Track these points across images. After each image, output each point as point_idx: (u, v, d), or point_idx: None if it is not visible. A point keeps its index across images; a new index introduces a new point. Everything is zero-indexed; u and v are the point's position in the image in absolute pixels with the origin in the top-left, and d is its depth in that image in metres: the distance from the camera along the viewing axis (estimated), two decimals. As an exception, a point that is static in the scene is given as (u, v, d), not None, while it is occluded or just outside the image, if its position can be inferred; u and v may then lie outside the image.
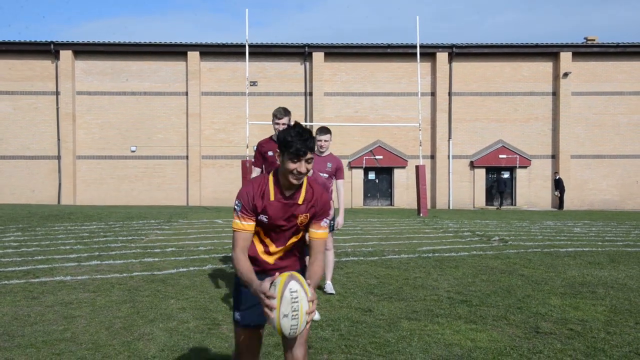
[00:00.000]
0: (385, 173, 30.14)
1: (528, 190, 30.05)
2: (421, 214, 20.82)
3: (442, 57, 29.65)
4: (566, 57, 29.47)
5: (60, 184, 28.77)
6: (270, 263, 3.09)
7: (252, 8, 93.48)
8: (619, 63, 29.83)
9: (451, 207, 29.40)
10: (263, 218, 2.97)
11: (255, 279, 2.83)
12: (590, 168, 30.03)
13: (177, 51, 29.17)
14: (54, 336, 4.67)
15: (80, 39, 31.85)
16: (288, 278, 2.73)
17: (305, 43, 29.20)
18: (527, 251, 9.94)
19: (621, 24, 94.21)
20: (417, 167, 22.15)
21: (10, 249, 9.56)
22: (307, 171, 2.92)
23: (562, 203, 28.79)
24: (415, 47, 24.32)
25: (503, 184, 29.87)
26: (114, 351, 4.33)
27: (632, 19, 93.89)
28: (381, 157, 29.58)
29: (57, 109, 28.83)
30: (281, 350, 4.11)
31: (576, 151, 29.84)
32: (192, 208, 24.88)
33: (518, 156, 29.64)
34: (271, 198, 2.97)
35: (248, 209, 2.95)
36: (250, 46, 25.12)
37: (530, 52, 29.78)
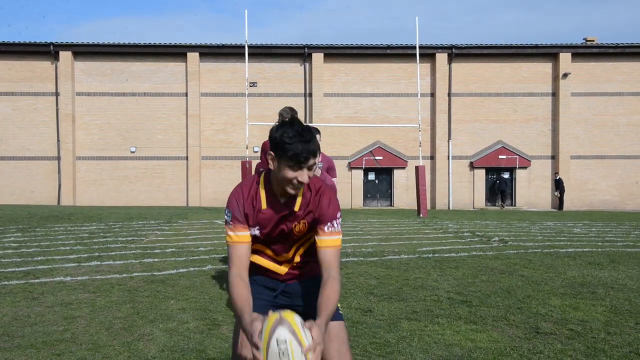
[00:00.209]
0: (385, 174, 30.14)
1: (528, 190, 30.06)
2: (421, 215, 20.82)
3: (442, 58, 29.66)
4: (565, 58, 29.48)
5: (60, 185, 28.76)
6: (281, 274, 2.63)
7: (252, 8, 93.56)
8: (619, 64, 29.84)
9: (451, 208, 29.41)
10: (255, 232, 2.52)
11: (246, 314, 2.25)
12: (590, 169, 30.03)
13: (177, 52, 29.17)
14: (54, 337, 4.67)
15: (80, 39, 31.98)
16: (275, 323, 2.09)
17: (304, 44, 29.20)
18: (527, 252, 9.94)
19: (621, 25, 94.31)
20: (417, 168, 22.16)
21: (10, 250, 9.56)
22: (309, 179, 2.44)
23: (562, 203, 28.79)
24: (414, 48, 24.35)
25: (504, 184, 29.91)
26: (114, 352, 4.32)
27: (632, 20, 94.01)
28: (381, 158, 29.59)
29: (57, 110, 28.82)
30: None
31: (576, 152, 29.84)
32: (192, 209, 24.87)
33: (518, 157, 29.65)
34: (263, 206, 2.51)
35: (240, 218, 2.49)
36: (249, 47, 25.13)
37: (529, 53, 29.80)
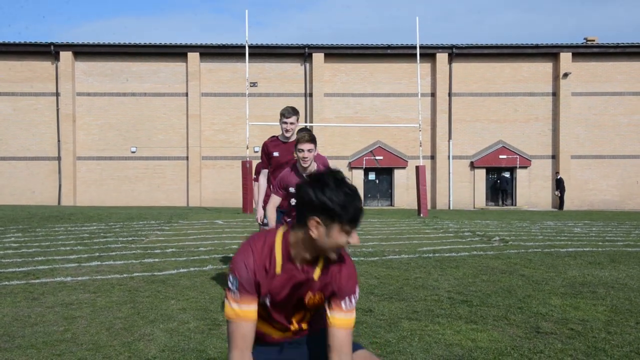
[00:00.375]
0: (385, 173, 30.14)
1: (528, 190, 30.05)
2: (421, 215, 20.81)
3: (442, 58, 29.66)
4: (566, 58, 29.47)
5: (60, 185, 28.77)
6: (276, 338, 2.27)
7: (252, 8, 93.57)
8: (619, 63, 29.83)
9: (451, 208, 29.41)
10: (266, 301, 2.13)
11: None
12: (590, 168, 30.02)
13: (177, 52, 29.17)
14: (55, 337, 4.67)
15: (80, 40, 31.99)
16: None
17: (305, 44, 29.19)
18: (528, 251, 9.93)
19: (621, 25, 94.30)
20: (417, 168, 22.16)
21: (10, 250, 9.56)
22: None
23: (563, 203, 28.79)
24: (415, 48, 24.34)
25: (505, 182, 29.95)
26: (115, 352, 4.32)
27: (632, 20, 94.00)
28: (381, 158, 29.58)
29: (57, 110, 28.83)
30: None
31: (576, 151, 29.83)
32: (193, 209, 24.87)
33: (518, 156, 29.64)
34: (277, 270, 2.09)
35: (249, 288, 2.06)
36: (250, 47, 25.12)
37: (530, 53, 29.79)
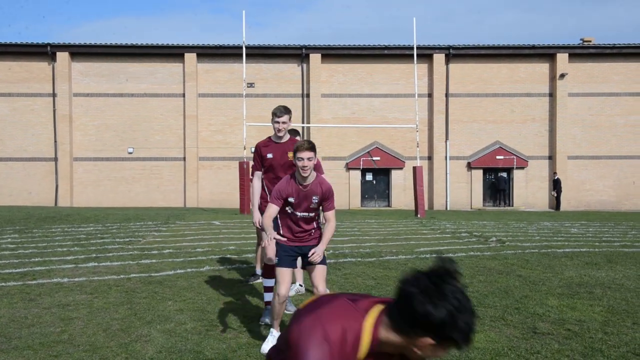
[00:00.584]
0: (382, 174, 30.15)
1: (525, 191, 30.09)
2: (418, 215, 20.82)
3: (439, 59, 29.69)
4: (562, 59, 29.53)
5: (57, 186, 28.71)
6: None
7: (252, 8, 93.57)
8: (615, 64, 29.90)
9: (448, 208, 29.43)
10: None
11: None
12: (587, 169, 30.08)
13: (174, 53, 29.14)
14: (51, 338, 4.66)
15: (79, 40, 31.94)
16: None
17: (302, 44, 29.19)
18: (525, 252, 9.95)
19: (617, 25, 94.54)
20: (415, 168, 22.17)
21: (7, 251, 9.54)
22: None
23: (559, 204, 28.84)
24: (412, 49, 24.37)
25: (503, 182, 30.01)
26: (112, 353, 4.32)
27: (628, 20, 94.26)
28: (378, 159, 29.59)
29: (54, 111, 28.77)
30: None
31: (573, 152, 29.89)
32: (190, 209, 24.84)
33: (515, 157, 29.69)
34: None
35: None
36: (247, 48, 25.09)
37: (527, 54, 29.84)
